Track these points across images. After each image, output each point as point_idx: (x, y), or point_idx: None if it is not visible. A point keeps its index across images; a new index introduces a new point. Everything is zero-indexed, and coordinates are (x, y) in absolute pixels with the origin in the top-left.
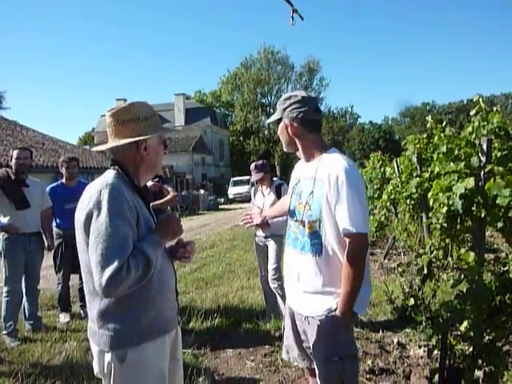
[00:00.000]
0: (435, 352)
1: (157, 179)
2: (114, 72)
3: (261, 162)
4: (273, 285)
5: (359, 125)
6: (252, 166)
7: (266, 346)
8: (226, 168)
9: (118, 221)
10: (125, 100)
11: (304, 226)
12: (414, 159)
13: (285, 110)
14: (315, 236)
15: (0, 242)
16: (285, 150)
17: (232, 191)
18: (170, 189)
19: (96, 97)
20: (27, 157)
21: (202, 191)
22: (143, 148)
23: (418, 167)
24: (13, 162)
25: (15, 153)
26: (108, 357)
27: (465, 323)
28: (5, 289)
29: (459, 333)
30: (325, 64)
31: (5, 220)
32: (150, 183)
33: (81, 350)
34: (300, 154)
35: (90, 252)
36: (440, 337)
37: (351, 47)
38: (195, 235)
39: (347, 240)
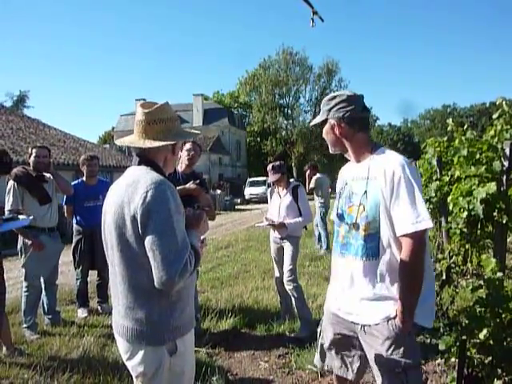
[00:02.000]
0: (452, 359)
1: (198, 181)
2: (133, 72)
3: (278, 163)
4: (288, 286)
5: (378, 127)
6: (269, 166)
7: (280, 348)
8: (243, 168)
9: (178, 217)
10: (144, 100)
11: (358, 228)
12: (434, 162)
13: (330, 110)
14: (372, 238)
15: (20, 237)
16: (331, 151)
17: (248, 192)
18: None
19: (115, 96)
20: (46, 155)
21: (218, 191)
22: (171, 149)
23: (438, 170)
24: (31, 160)
25: (34, 151)
26: (159, 352)
27: (484, 331)
28: (24, 283)
29: (478, 341)
30: (344, 66)
31: (30, 218)
32: (192, 185)
33: (98, 344)
34: (349, 154)
35: (150, 247)
36: (458, 344)
37: (371, 50)
38: (211, 235)
39: (404, 240)
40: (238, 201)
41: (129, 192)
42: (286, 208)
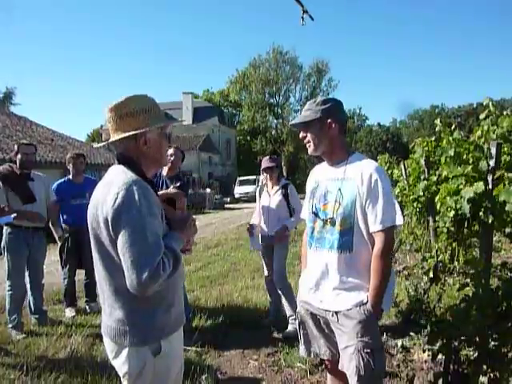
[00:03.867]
0: (439, 356)
1: (178, 184)
2: (122, 70)
3: (275, 156)
4: (278, 285)
5: (367, 127)
6: (266, 157)
7: (270, 346)
8: (233, 167)
9: (150, 218)
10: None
11: (334, 224)
12: (422, 162)
13: (326, 110)
14: (347, 232)
15: (3, 236)
16: (312, 152)
17: (238, 190)
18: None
19: (104, 94)
20: (32, 152)
21: (208, 190)
22: (142, 142)
23: (426, 170)
24: (17, 158)
25: (21, 148)
26: (142, 352)
27: (470, 328)
28: (8, 283)
29: (464, 337)
30: (333, 65)
31: (12, 215)
32: (172, 190)
33: (86, 344)
34: (326, 156)
35: (121, 250)
36: (444, 341)
37: (360, 49)
38: (200, 234)
39: (378, 234)
40: (228, 200)
41: (103, 193)
42: (276, 206)
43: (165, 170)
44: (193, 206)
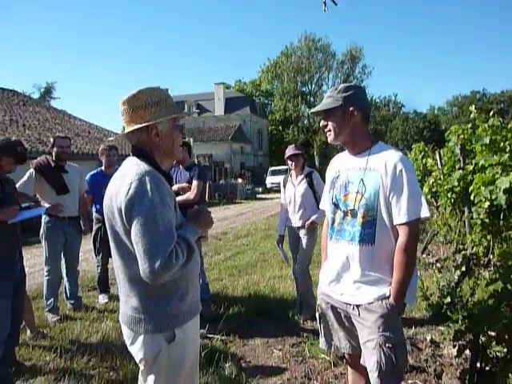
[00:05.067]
0: (466, 352)
1: (196, 171)
2: (156, 62)
3: (300, 144)
4: (299, 276)
5: (403, 114)
6: (291, 145)
7: (294, 337)
8: (265, 157)
9: (162, 208)
10: (166, 90)
11: (355, 215)
12: (457, 151)
13: (348, 98)
14: (369, 225)
15: (42, 225)
16: (332, 141)
17: (270, 180)
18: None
19: (139, 86)
20: (68, 145)
21: (239, 180)
22: (154, 134)
23: (461, 159)
24: (53, 150)
25: (56, 141)
26: (156, 340)
27: (499, 324)
28: (45, 268)
29: (493, 334)
30: (367, 52)
31: (46, 205)
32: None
33: (116, 329)
34: (348, 145)
35: (134, 240)
36: (471, 337)
37: (395, 33)
38: (231, 224)
39: (402, 227)
40: (260, 189)
41: (117, 185)
42: (302, 196)
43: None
44: (224, 197)
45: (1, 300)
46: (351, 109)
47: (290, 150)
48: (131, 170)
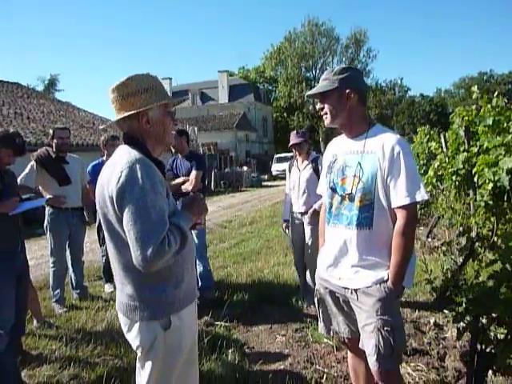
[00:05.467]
0: (467, 333)
1: (192, 159)
2: (158, 51)
3: (303, 130)
4: (306, 259)
5: (409, 98)
6: (293, 131)
7: (298, 322)
8: (270, 145)
9: (153, 195)
10: (170, 79)
11: (353, 199)
12: (462, 133)
13: (345, 80)
14: (367, 208)
15: (45, 217)
16: (329, 124)
17: (275, 168)
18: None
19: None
20: (68, 136)
21: (245, 168)
22: (145, 121)
23: (466, 141)
24: (53, 142)
25: (56, 132)
26: (152, 327)
27: (499, 306)
28: (51, 259)
29: (492, 316)
30: (372, 35)
31: (46, 197)
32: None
33: None
34: (345, 128)
35: (126, 228)
36: (471, 319)
37: (401, 15)
38: (236, 211)
39: (400, 211)
40: (266, 177)
41: (109, 173)
42: (306, 181)
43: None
44: (230, 185)
45: (4, 291)
46: (348, 91)
47: (292, 139)
48: (122, 158)
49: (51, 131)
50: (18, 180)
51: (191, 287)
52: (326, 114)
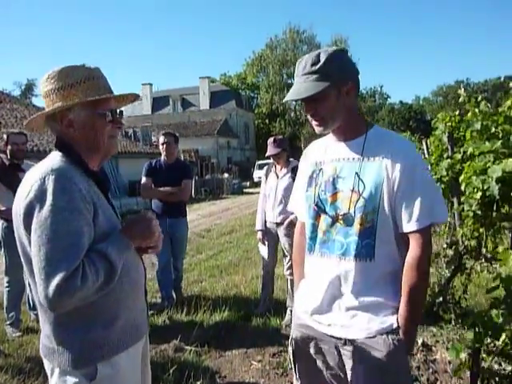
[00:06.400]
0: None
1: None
2: (138, 57)
3: (280, 137)
4: (287, 272)
5: (389, 105)
6: (270, 139)
7: (275, 345)
8: (252, 151)
9: (66, 214)
10: (150, 85)
11: (350, 222)
12: (445, 139)
13: (339, 70)
14: (368, 233)
15: (0, 230)
16: (323, 132)
17: (257, 174)
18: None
19: (122, 81)
20: (24, 142)
21: (226, 175)
22: (65, 124)
23: (450, 147)
24: (8, 148)
25: (10, 137)
26: (73, 377)
27: (503, 336)
28: (5, 279)
29: (495, 347)
30: (352, 43)
31: (1, 208)
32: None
33: None
34: (339, 131)
35: (32, 253)
36: (471, 353)
37: (380, 23)
38: (215, 220)
39: (413, 236)
40: (247, 184)
41: (22, 186)
42: (284, 190)
43: (164, 157)
44: (210, 192)
45: None
46: (348, 85)
47: (270, 149)
48: (39, 167)
49: (5, 136)
50: None
51: (134, 325)
52: (321, 120)
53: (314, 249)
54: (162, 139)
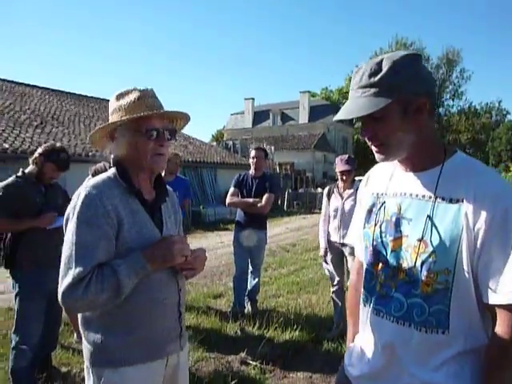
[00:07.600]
0: None
1: (266, 181)
2: (241, 73)
3: (352, 157)
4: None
5: (508, 122)
6: (341, 156)
7: None
8: None
9: (84, 228)
10: (253, 99)
11: (415, 278)
12: None
13: (406, 81)
14: (440, 297)
15: None
16: (385, 160)
17: None
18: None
19: (227, 97)
20: None
21: (319, 189)
22: (116, 142)
23: None
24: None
25: None
26: (91, 373)
27: None
28: None
29: None
30: (466, 54)
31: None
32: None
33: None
34: (408, 160)
35: None
36: None
37: (498, 32)
38: (303, 235)
39: (504, 312)
40: None
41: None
42: (349, 212)
43: (252, 171)
44: (303, 205)
45: (32, 305)
46: (418, 100)
47: (340, 165)
48: (88, 182)
49: None
50: None
51: (151, 343)
52: (381, 145)
53: (369, 302)
54: (253, 153)
